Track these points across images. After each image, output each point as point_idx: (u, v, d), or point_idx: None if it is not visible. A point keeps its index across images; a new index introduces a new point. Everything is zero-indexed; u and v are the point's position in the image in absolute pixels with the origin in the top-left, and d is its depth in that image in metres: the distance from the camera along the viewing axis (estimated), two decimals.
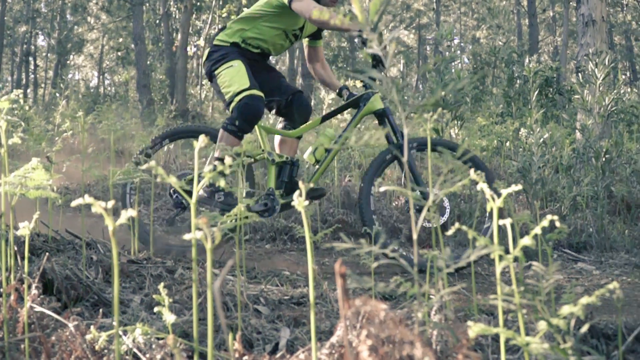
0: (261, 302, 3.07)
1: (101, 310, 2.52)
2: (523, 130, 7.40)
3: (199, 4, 30.82)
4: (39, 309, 2.28)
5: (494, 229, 1.54)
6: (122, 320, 2.67)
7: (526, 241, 1.49)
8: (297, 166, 4.92)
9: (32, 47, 43.13)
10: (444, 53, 9.64)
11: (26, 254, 2.08)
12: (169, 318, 2.00)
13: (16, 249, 2.91)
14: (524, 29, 42.25)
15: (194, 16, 32.75)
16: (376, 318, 1.32)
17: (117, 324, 1.43)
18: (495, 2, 44.09)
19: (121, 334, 2.19)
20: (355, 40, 4.44)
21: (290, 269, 4.39)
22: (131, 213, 1.41)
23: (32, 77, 43.97)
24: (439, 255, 1.68)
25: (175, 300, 2.90)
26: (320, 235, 3.59)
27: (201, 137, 1.54)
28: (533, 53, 26.29)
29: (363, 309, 1.28)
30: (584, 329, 1.59)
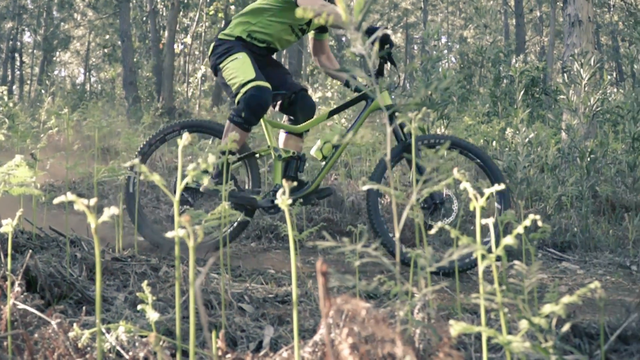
0: (245, 300, 3.07)
1: (84, 308, 2.51)
2: (509, 130, 7.43)
3: (186, 1, 30.73)
4: (22, 306, 2.27)
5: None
6: (106, 318, 2.66)
7: (508, 240, 1.50)
8: (303, 161, 4.87)
9: (18, 44, 42.93)
10: (430, 52, 9.64)
11: (9, 251, 2.07)
12: (152, 316, 2.00)
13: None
14: (511, 28, 42.36)
15: (181, 13, 32.68)
16: (358, 316, 1.32)
17: (99, 321, 1.43)
18: (483, 1, 44.14)
19: (104, 331, 2.19)
20: (343, 39, 4.43)
21: (275, 268, 4.38)
22: (114, 211, 1.41)
23: (18, 73, 43.77)
24: (422, 254, 1.68)
25: (159, 298, 2.90)
26: (306, 234, 3.60)
27: (185, 135, 1.54)
28: (520, 53, 26.36)
29: (344, 307, 1.28)
30: (565, 328, 1.60)
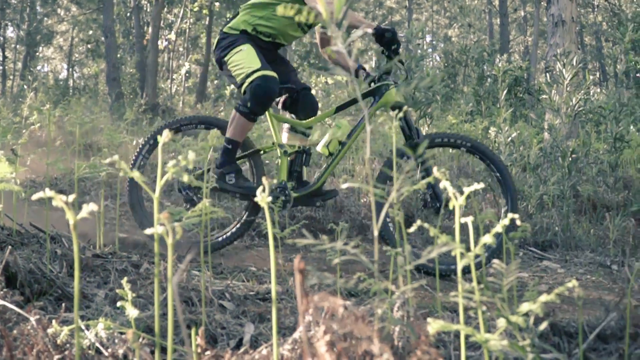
0: (226, 297, 3.07)
1: (64, 305, 2.50)
2: (492, 129, 7.46)
3: None
4: (1, 302, 2.26)
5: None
6: (86, 315, 2.65)
7: (487, 239, 1.50)
8: (309, 155, 4.82)
9: (1, 39, 42.64)
10: (414, 51, 9.65)
11: None
12: (132, 313, 2.00)
13: None
14: (495, 28, 42.53)
15: (165, 10, 32.58)
16: (336, 314, 1.32)
17: (77, 316, 1.42)
18: (467, 1, 44.30)
19: (83, 328, 2.18)
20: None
21: (257, 265, 4.37)
22: (93, 207, 1.40)
23: (0, 68, 43.46)
24: (401, 252, 1.69)
25: (139, 295, 2.89)
26: (287, 232, 3.60)
27: (165, 132, 1.53)
28: (503, 52, 26.46)
29: (321, 304, 1.28)
30: (542, 326, 1.61)
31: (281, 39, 4.97)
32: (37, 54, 42.28)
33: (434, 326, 1.38)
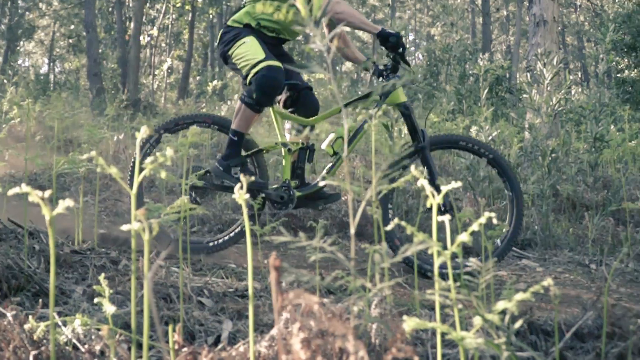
0: (205, 294, 3.07)
1: (41, 301, 2.49)
2: (473, 128, 7.48)
3: None
4: None
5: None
6: (64, 311, 2.64)
7: (463, 237, 1.51)
8: (313, 151, 4.75)
9: None
10: None
11: None
12: (109, 309, 1.99)
13: None
14: (478, 27, 42.70)
15: (147, 5, 32.45)
16: (311, 311, 1.32)
17: (52, 312, 1.42)
18: None
19: (60, 324, 2.17)
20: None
21: (237, 262, 4.36)
22: (69, 203, 1.40)
23: None
24: (379, 250, 1.69)
25: (117, 292, 2.88)
26: (267, 229, 3.60)
27: (143, 128, 1.53)
28: (486, 51, 26.57)
29: (297, 301, 1.29)
30: (517, 324, 1.61)
31: (285, 34, 4.91)
32: (18, 48, 41.98)
33: (409, 324, 1.38)
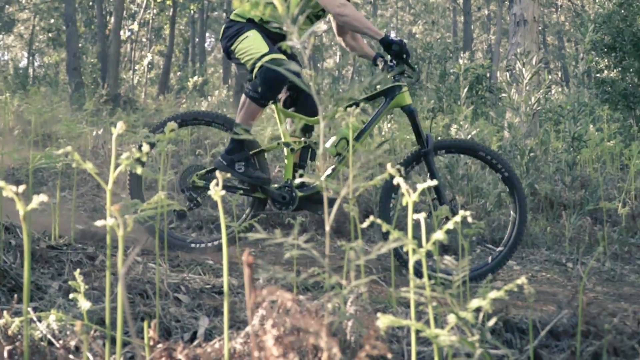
0: (182, 290, 3.06)
1: (16, 296, 2.47)
2: (453, 126, 7.50)
3: None
4: None
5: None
6: (39, 306, 2.63)
7: (439, 235, 1.52)
8: (317, 147, 4.61)
9: None
10: (375, 48, 9.69)
11: None
12: (84, 305, 1.98)
13: None
14: (460, 26, 42.81)
15: None
16: (284, 308, 1.33)
17: (26, 307, 1.41)
18: None
19: (35, 319, 2.16)
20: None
21: (214, 258, 4.34)
22: (43, 198, 1.39)
23: None
24: (355, 247, 1.69)
25: (93, 287, 2.87)
26: (245, 225, 3.59)
27: (119, 124, 1.52)
28: (467, 50, 26.65)
29: (270, 298, 1.29)
30: (491, 322, 1.62)
31: None
32: None
33: (383, 321, 1.38)
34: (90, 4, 36.82)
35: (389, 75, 4.64)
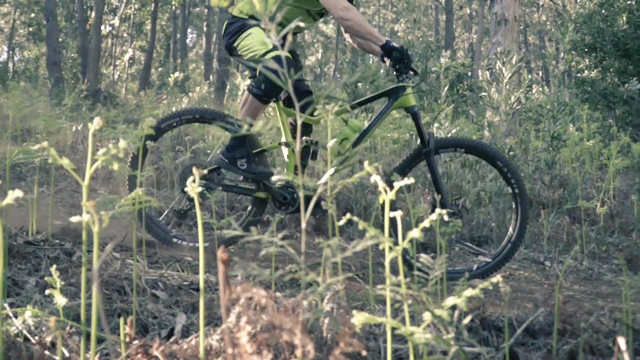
0: (160, 287, 3.05)
1: None
2: (434, 125, 7.52)
3: None
4: None
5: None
6: (16, 302, 2.62)
7: (415, 234, 1.52)
8: (317, 150, 4.57)
9: None
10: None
11: None
12: (60, 301, 1.98)
13: None
14: (442, 24, 42.92)
15: None
16: (261, 305, 1.33)
17: (2, 302, 1.40)
18: None
19: (12, 315, 2.15)
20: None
21: (193, 255, 4.32)
22: (18, 194, 1.39)
23: None
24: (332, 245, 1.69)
25: (70, 283, 2.86)
26: (225, 222, 3.58)
27: (96, 120, 1.52)
28: (448, 49, 26.71)
29: (244, 295, 1.29)
30: (466, 320, 1.63)
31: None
32: None
33: (359, 319, 1.39)
34: None
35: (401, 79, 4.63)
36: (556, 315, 2.39)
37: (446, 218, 1.60)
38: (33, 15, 38.73)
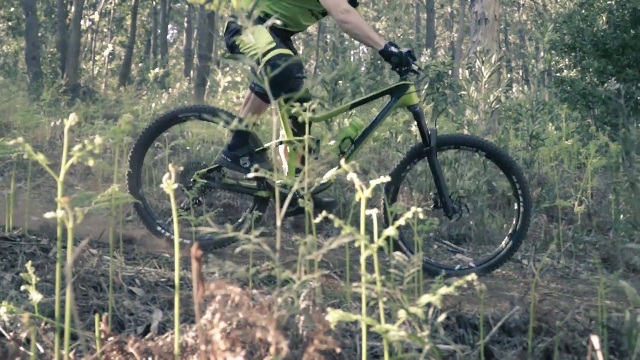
0: (137, 283, 3.04)
1: None
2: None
3: None
4: None
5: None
6: None
7: (390, 231, 1.53)
8: (319, 145, 4.51)
9: None
10: (336, 43, 9.67)
11: None
12: (35, 297, 1.97)
13: None
14: (423, 23, 43.03)
15: None
16: (235, 302, 1.33)
17: None
18: None
19: None
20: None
21: (170, 252, 4.31)
22: None
23: None
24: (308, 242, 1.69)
25: (46, 279, 2.85)
26: (202, 219, 3.57)
27: (71, 116, 1.51)
28: (429, 47, 26.81)
29: (218, 292, 1.29)
30: (440, 318, 1.64)
31: (292, 26, 4.76)
32: None
33: (333, 316, 1.39)
34: None
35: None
36: (532, 314, 2.41)
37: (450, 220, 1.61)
38: (12, 9, 38.43)
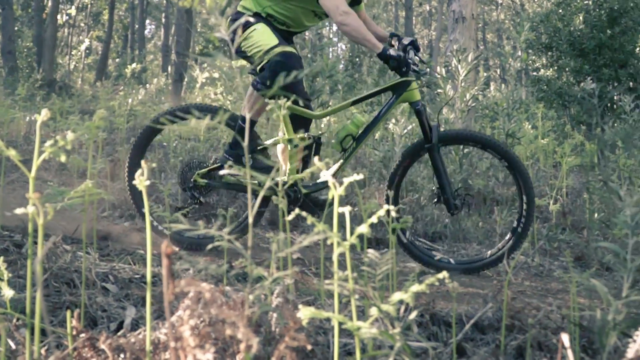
0: (110, 280, 3.03)
1: None
2: (392, 121, 7.56)
3: None
4: None
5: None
6: None
7: (362, 229, 1.53)
8: (319, 144, 4.53)
9: None
10: (313, 40, 9.65)
11: None
12: (7, 293, 1.96)
13: None
14: (401, 21, 43.07)
15: None
16: (206, 299, 1.33)
17: None
18: None
19: None
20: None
21: (145, 248, 4.29)
22: None
23: None
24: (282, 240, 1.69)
25: (20, 275, 2.83)
26: (176, 216, 3.56)
27: (43, 111, 1.50)
28: None
29: (188, 289, 1.29)
30: (412, 315, 1.65)
31: (295, 27, 4.75)
32: None
33: (305, 313, 1.39)
34: None
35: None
36: (504, 311, 2.43)
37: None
38: None
